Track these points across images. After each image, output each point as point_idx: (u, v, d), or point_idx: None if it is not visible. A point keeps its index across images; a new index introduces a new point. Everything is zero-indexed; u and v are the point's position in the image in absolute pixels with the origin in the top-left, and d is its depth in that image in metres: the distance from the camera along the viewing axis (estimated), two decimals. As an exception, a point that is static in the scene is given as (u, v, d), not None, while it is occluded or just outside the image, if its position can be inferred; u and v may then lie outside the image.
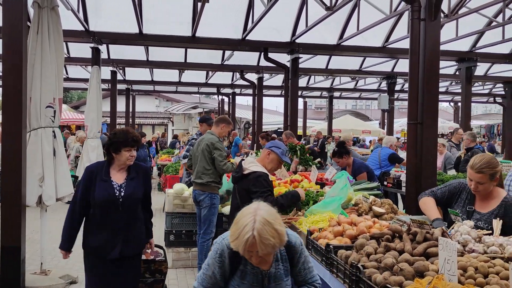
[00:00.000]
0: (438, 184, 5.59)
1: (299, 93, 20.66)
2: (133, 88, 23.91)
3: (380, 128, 25.00)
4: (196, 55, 14.95)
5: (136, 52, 14.41)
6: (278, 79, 19.50)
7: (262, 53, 12.65)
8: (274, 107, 54.33)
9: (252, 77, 17.24)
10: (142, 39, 11.18)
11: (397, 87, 19.98)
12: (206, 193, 6.37)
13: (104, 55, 13.24)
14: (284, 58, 12.57)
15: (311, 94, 26.36)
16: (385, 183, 8.58)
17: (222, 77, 19.79)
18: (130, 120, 24.15)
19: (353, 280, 2.80)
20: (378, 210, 4.32)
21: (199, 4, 8.46)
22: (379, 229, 3.60)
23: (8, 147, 5.37)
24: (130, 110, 23.91)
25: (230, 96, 24.01)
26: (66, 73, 17.63)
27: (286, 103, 12.69)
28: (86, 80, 15.56)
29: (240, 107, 33.99)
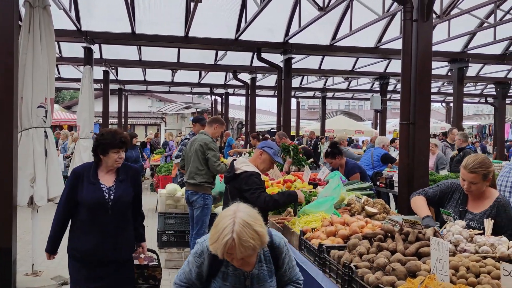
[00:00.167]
0: (430, 184, 5.61)
1: (292, 93, 20.62)
2: (126, 88, 23.81)
3: (372, 129, 25.08)
4: (189, 55, 14.92)
5: (128, 52, 14.35)
6: (271, 79, 19.52)
7: (255, 53, 12.66)
8: (267, 107, 54.39)
9: (245, 77, 17.24)
10: (135, 39, 11.14)
11: (390, 88, 20.07)
12: (199, 193, 6.36)
13: (96, 55, 13.18)
14: (277, 58, 12.58)
15: (304, 94, 26.39)
16: (378, 183, 8.61)
17: (215, 77, 19.77)
18: (123, 120, 24.05)
19: (346, 280, 2.81)
20: (371, 210, 4.33)
21: (192, 4, 8.45)
22: (372, 229, 3.61)
23: (-1, 147, 5.32)
24: (123, 110, 23.81)
25: (223, 96, 24.01)
26: (58, 73, 17.53)
27: (279, 103, 12.70)
28: (78, 80, 15.48)
29: (233, 107, 33.99)
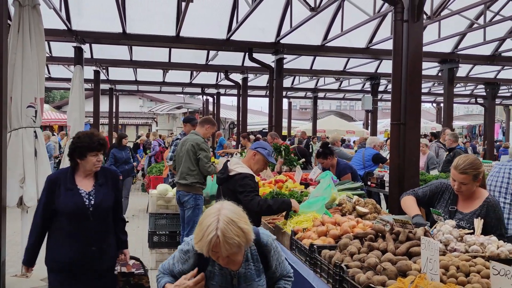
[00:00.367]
0: (421, 184, 5.64)
1: (284, 93, 20.65)
2: (117, 88, 23.67)
3: (364, 129, 25.16)
4: (180, 55, 14.88)
5: (119, 52, 14.28)
6: (263, 80, 19.51)
7: (246, 53, 12.65)
8: (259, 107, 54.36)
9: (237, 77, 17.22)
10: (126, 38, 11.09)
11: (381, 88, 20.19)
12: (191, 194, 6.33)
13: (87, 55, 13.10)
14: (268, 59, 12.59)
15: (295, 94, 26.43)
16: (369, 183, 8.64)
17: (207, 77, 19.72)
18: (114, 120, 23.95)
19: (337, 280, 2.81)
20: (362, 210, 4.35)
21: (183, 3, 8.42)
22: (363, 228, 3.63)
23: (-12, 148, 5.27)
24: (114, 110, 23.70)
25: (215, 96, 23.95)
26: (48, 73, 17.41)
27: (271, 103, 12.71)
28: (68, 79, 15.39)
29: (225, 107, 33.93)
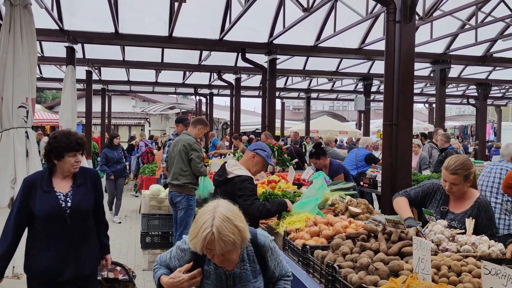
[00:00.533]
0: (413, 184, 5.66)
1: (277, 94, 20.71)
2: (109, 88, 23.59)
3: (356, 129, 25.23)
4: (173, 55, 14.85)
5: (112, 52, 14.23)
6: (256, 80, 19.52)
7: (239, 54, 12.65)
8: (252, 107, 54.38)
9: (230, 77, 17.21)
10: (118, 38, 11.05)
11: (373, 89, 20.25)
12: (183, 194, 6.31)
13: (79, 55, 13.04)
14: (261, 59, 12.59)
15: (288, 95, 26.47)
16: (361, 183, 8.67)
17: (200, 78, 19.70)
18: (106, 120, 23.85)
19: (329, 280, 2.82)
20: (354, 210, 4.35)
21: (176, 4, 8.40)
22: (355, 229, 3.63)
23: (-22, 148, 5.23)
24: (106, 110, 23.60)
25: (208, 97, 23.92)
26: (40, 73, 17.32)
27: (264, 103, 12.72)
28: (60, 80, 15.28)
29: (218, 107, 33.90)
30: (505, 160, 5.73)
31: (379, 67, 15.90)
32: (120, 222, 10.17)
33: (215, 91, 23.49)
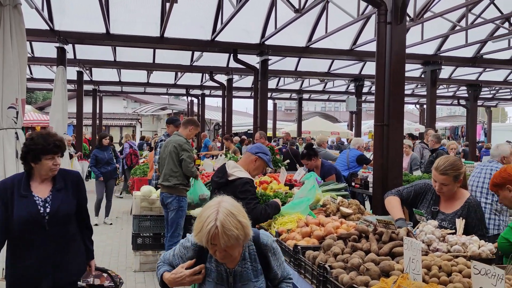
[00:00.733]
0: (404, 185, 5.68)
1: (269, 94, 20.76)
2: (100, 89, 23.50)
3: (348, 130, 25.31)
4: (165, 55, 14.81)
5: (103, 52, 14.17)
6: (247, 81, 19.53)
7: (231, 55, 12.65)
8: (244, 108, 54.42)
9: (222, 78, 17.21)
10: (109, 39, 11.00)
11: (365, 90, 20.34)
12: (174, 195, 6.28)
13: (70, 55, 12.97)
14: (253, 60, 12.60)
15: (280, 95, 26.50)
16: (353, 184, 8.69)
17: (191, 78, 19.68)
18: (97, 121, 23.73)
19: (321, 280, 2.82)
20: (346, 210, 4.36)
21: (168, 4, 8.38)
22: (346, 229, 3.64)
23: (-33, 149, 5.18)
24: (97, 111, 23.49)
25: (200, 98, 23.89)
26: (31, 73, 17.19)
27: (256, 104, 12.73)
28: (51, 80, 15.19)
29: (210, 108, 33.84)
30: (495, 160, 5.77)
31: (370, 68, 15.97)
32: (111, 224, 10.09)
33: (207, 91, 23.47)
